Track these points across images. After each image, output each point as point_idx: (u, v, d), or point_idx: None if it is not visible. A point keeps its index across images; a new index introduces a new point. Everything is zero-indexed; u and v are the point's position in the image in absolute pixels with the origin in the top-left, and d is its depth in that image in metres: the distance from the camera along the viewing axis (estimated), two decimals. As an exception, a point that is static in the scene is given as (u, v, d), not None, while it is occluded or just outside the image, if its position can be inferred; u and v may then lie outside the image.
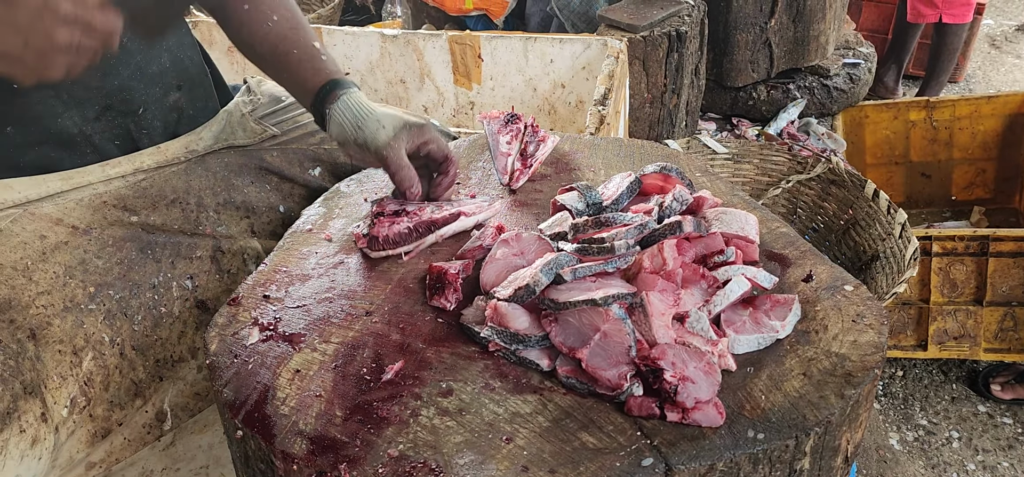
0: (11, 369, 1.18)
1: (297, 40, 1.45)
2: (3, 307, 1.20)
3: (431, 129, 1.40)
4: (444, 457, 0.94)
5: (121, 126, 1.39)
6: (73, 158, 1.34)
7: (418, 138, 1.38)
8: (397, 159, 1.35)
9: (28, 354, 1.20)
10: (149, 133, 1.43)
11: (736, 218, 1.22)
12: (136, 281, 1.33)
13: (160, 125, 1.44)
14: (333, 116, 1.38)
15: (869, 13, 4.68)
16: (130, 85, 1.37)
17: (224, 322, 1.17)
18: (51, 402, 1.22)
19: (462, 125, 3.00)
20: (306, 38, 1.45)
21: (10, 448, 1.16)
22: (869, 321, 1.09)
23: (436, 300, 1.18)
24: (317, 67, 1.43)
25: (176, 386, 1.38)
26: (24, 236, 1.27)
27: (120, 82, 1.36)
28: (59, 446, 1.23)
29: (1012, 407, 2.85)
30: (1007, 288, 2.71)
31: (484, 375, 1.06)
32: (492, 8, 3.67)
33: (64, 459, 1.25)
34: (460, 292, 1.19)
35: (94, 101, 1.34)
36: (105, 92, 1.34)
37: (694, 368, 0.98)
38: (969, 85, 4.80)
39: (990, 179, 3.67)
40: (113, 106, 1.36)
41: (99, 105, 1.35)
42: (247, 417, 1.01)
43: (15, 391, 1.17)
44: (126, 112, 1.38)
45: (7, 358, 1.18)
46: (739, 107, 3.89)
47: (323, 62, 1.44)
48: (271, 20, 1.46)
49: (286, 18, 1.46)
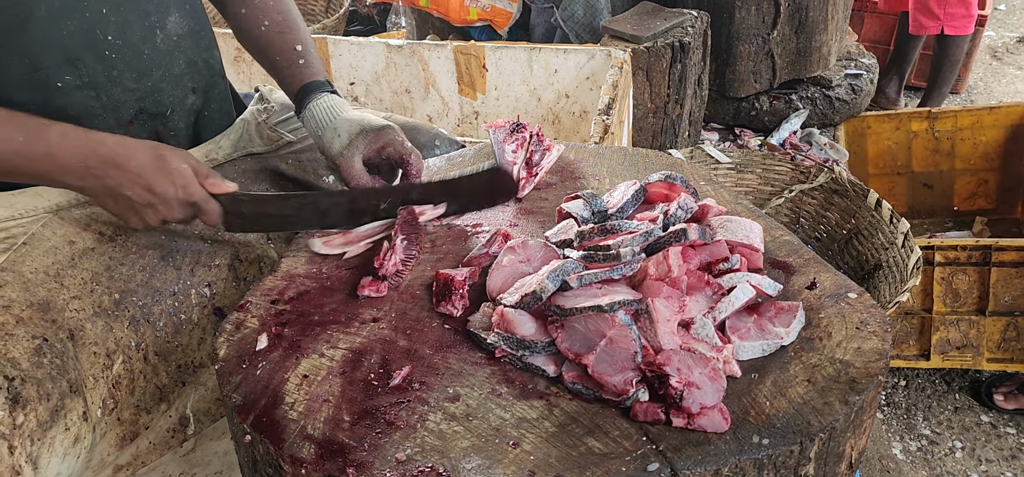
0: (58, 367, 1.19)
1: (282, 45, 1.48)
2: (44, 308, 1.22)
3: (390, 132, 1.40)
4: (451, 462, 0.94)
5: (151, 128, 1.42)
6: None
7: (376, 143, 1.39)
8: (348, 169, 1.38)
9: (70, 354, 1.22)
10: (176, 135, 1.46)
11: (741, 226, 1.23)
12: (157, 288, 1.35)
13: (184, 127, 1.48)
14: (304, 122, 1.44)
15: (871, 24, 4.69)
16: (161, 86, 1.41)
17: (233, 328, 1.18)
18: (90, 401, 1.24)
19: (466, 135, 3.02)
20: (289, 42, 1.48)
21: (56, 445, 1.18)
22: (873, 328, 1.10)
23: (443, 306, 1.19)
24: (294, 73, 1.47)
25: (198, 391, 1.39)
26: (54, 241, 1.30)
27: (153, 83, 1.39)
28: (94, 446, 1.25)
29: (1015, 417, 2.84)
30: (1010, 298, 2.71)
31: (491, 381, 1.06)
32: (496, 19, 3.69)
33: (96, 460, 1.26)
34: (467, 299, 1.20)
35: (130, 104, 1.37)
36: (140, 94, 1.38)
37: (699, 374, 0.99)
38: (970, 96, 4.81)
39: (992, 189, 3.67)
40: (146, 109, 1.40)
41: (134, 107, 1.38)
42: (255, 422, 1.02)
43: (62, 389, 1.19)
44: (156, 114, 1.42)
45: (53, 357, 1.20)
46: (742, 117, 3.90)
47: (300, 67, 1.47)
48: (263, 25, 1.50)
49: (276, 22, 1.50)
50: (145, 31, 1.36)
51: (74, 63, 1.29)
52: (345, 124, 1.39)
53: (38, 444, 1.15)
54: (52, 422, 1.17)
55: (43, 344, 1.19)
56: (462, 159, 1.62)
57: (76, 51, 1.29)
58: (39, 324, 1.21)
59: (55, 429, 1.18)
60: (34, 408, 1.15)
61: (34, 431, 1.15)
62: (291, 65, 1.47)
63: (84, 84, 1.31)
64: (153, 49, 1.38)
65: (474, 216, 1.43)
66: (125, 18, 1.33)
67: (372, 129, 1.39)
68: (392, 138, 1.40)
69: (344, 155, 1.38)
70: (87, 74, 1.30)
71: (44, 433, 1.16)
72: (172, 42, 1.42)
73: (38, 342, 1.19)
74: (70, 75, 1.29)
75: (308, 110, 1.43)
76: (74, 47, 1.28)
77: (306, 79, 1.45)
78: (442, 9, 3.77)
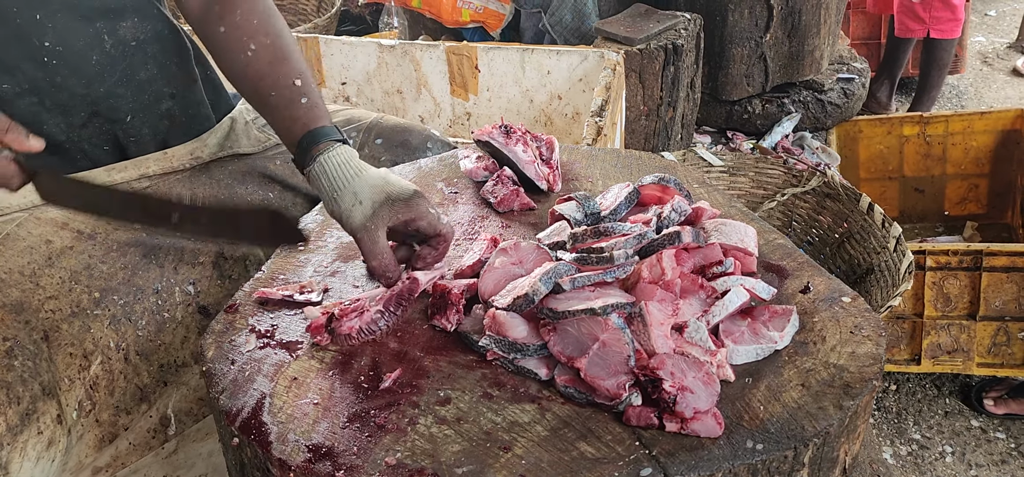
0: (29, 370, 1.18)
1: (275, 78, 1.28)
2: (17, 309, 1.21)
3: (421, 204, 1.19)
4: (442, 466, 0.93)
5: (108, 132, 1.38)
6: (65, 164, 1.34)
7: (404, 214, 1.17)
8: (370, 246, 1.16)
9: (44, 356, 1.20)
10: (138, 140, 1.42)
11: (735, 229, 1.22)
12: (140, 286, 1.33)
13: (149, 133, 1.43)
14: (311, 179, 1.22)
15: (858, 23, 4.70)
16: (116, 92, 1.36)
17: (221, 329, 1.17)
18: (65, 404, 1.22)
19: (458, 136, 3.00)
20: (287, 76, 1.28)
21: (28, 449, 1.16)
22: (867, 332, 1.09)
23: (437, 319, 1.16)
24: (295, 114, 1.26)
25: (180, 391, 1.37)
26: (30, 241, 1.27)
27: (106, 89, 1.35)
28: (70, 449, 1.23)
29: (1005, 422, 2.85)
30: (1000, 303, 2.72)
31: (482, 384, 1.05)
32: (489, 21, 3.68)
33: (73, 463, 1.25)
34: (462, 313, 1.16)
35: (79, 109, 1.33)
36: (90, 100, 1.34)
37: (693, 378, 0.98)
38: (961, 101, 4.84)
39: (983, 194, 3.69)
40: (99, 113, 1.36)
41: (85, 112, 1.34)
42: (243, 424, 1.01)
43: (34, 392, 1.17)
44: (113, 119, 1.38)
45: (25, 359, 1.18)
46: (734, 120, 3.90)
47: (303, 107, 1.25)
48: (248, 50, 1.29)
49: (265, 47, 1.29)
50: (90, 37, 1.31)
51: (11, 71, 1.26)
52: (367, 190, 1.16)
53: (9, 449, 1.13)
54: (23, 426, 1.15)
55: (14, 346, 1.17)
56: (453, 159, 1.60)
57: (10, 59, 1.25)
58: (11, 326, 1.19)
59: (27, 433, 1.16)
60: (3, 412, 1.13)
61: (4, 435, 1.13)
62: (290, 105, 1.26)
63: (24, 91, 1.28)
64: (103, 55, 1.32)
65: (468, 215, 1.42)
66: (64, 24, 1.27)
67: (401, 199, 1.17)
68: (424, 211, 1.19)
69: (367, 228, 1.15)
70: (27, 81, 1.27)
71: (15, 437, 1.14)
72: (129, 48, 1.35)
73: (9, 344, 1.17)
74: (7, 83, 1.26)
75: (318, 165, 1.20)
76: (8, 56, 1.25)
77: (311, 124, 1.24)
78: (434, 10, 3.76)
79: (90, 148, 1.37)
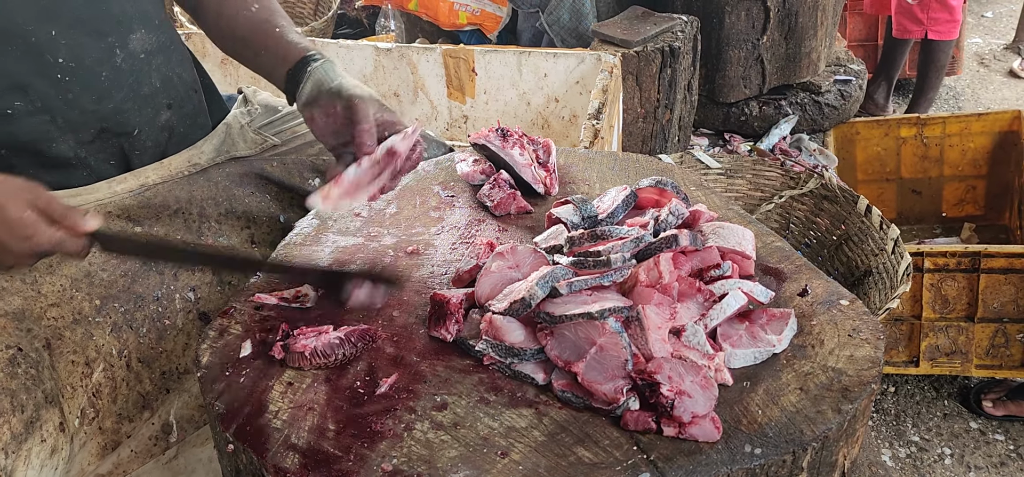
0: (33, 378, 1.17)
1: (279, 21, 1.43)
2: (19, 316, 1.20)
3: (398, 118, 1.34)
4: (439, 471, 0.93)
5: (115, 147, 1.38)
6: (68, 180, 1.34)
7: (388, 115, 1.31)
8: (366, 111, 1.27)
9: (46, 364, 1.20)
10: (141, 153, 1.42)
11: (733, 232, 1.22)
12: (140, 293, 1.32)
13: (152, 145, 1.44)
14: (312, 73, 1.33)
15: (854, 23, 4.69)
16: (124, 107, 1.36)
17: (216, 334, 1.16)
18: (67, 412, 1.21)
19: (455, 138, 3.00)
20: (288, 22, 1.45)
21: (32, 458, 1.16)
22: (865, 335, 1.09)
23: (436, 330, 1.14)
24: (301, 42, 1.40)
25: (181, 398, 1.37)
26: None
27: (115, 105, 1.34)
28: (73, 457, 1.23)
29: (1004, 424, 2.85)
30: (998, 304, 2.72)
31: (479, 389, 1.05)
32: (486, 23, 3.68)
33: (75, 471, 1.24)
34: (462, 323, 1.14)
35: (89, 125, 1.33)
36: (100, 115, 1.33)
37: (691, 382, 0.98)
38: (958, 103, 4.84)
39: (980, 196, 3.68)
40: (108, 129, 1.35)
41: (95, 128, 1.34)
42: (239, 431, 1.00)
43: (37, 400, 1.17)
44: (121, 133, 1.38)
45: (28, 367, 1.17)
46: (731, 123, 3.90)
47: (308, 40, 1.42)
48: (251, 8, 1.44)
49: (265, 5, 1.45)
50: (102, 53, 1.31)
51: (24, 89, 1.24)
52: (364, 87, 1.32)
53: (13, 457, 1.13)
54: (27, 434, 1.15)
55: (17, 354, 1.17)
56: (450, 163, 1.60)
57: (24, 77, 1.24)
58: (13, 333, 1.18)
59: (30, 441, 1.15)
60: (8, 420, 1.12)
61: (8, 444, 1.12)
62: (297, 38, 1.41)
63: (36, 109, 1.26)
64: (113, 70, 1.32)
65: (464, 219, 1.42)
66: (77, 40, 1.27)
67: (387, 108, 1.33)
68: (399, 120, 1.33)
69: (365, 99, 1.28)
70: (39, 99, 1.26)
71: (19, 445, 1.14)
72: (138, 61, 1.36)
73: (12, 352, 1.17)
74: (20, 101, 1.24)
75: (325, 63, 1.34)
76: (21, 73, 1.23)
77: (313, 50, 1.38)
78: (431, 13, 3.76)
79: (96, 164, 1.36)
